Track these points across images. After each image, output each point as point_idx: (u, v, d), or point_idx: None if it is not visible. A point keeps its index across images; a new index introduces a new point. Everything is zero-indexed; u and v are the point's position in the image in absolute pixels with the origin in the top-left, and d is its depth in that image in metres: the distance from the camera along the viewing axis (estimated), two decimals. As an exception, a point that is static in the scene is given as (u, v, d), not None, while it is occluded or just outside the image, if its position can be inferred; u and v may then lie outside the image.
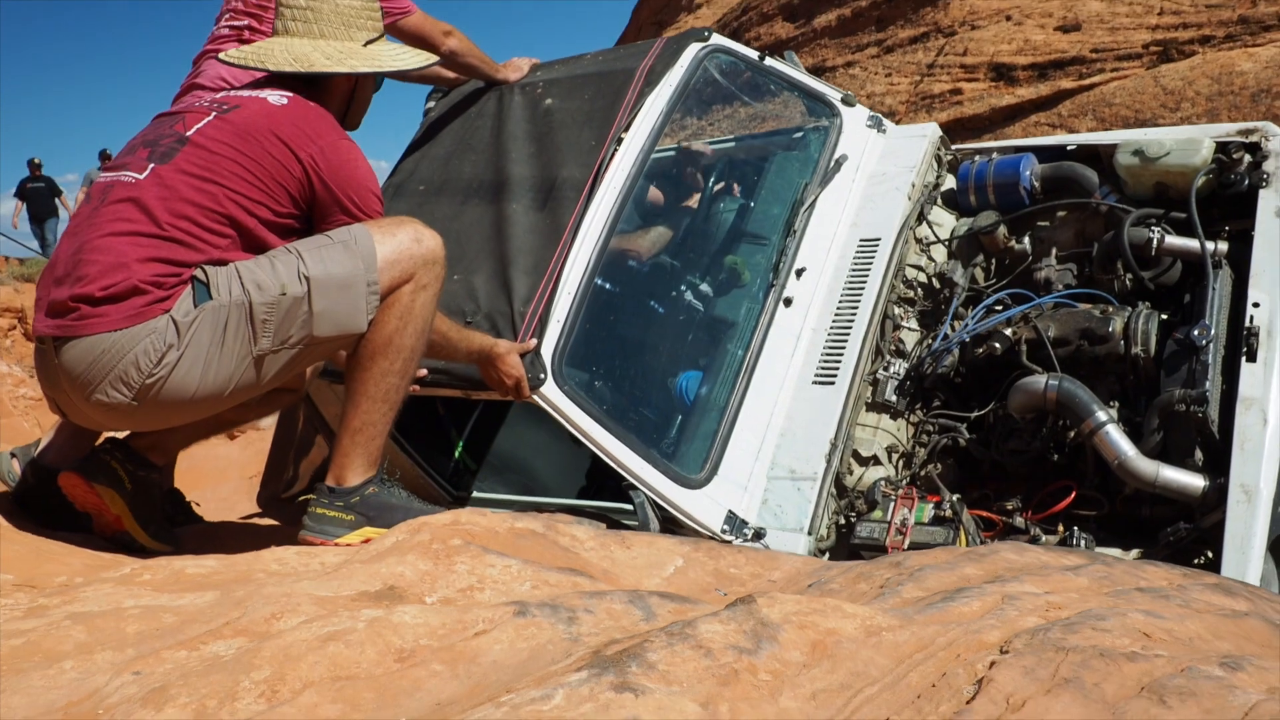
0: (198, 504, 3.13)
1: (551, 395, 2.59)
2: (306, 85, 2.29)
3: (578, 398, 2.62)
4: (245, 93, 2.25)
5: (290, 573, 1.90)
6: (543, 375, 2.59)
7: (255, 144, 2.10)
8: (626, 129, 3.03)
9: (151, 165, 2.08)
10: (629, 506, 2.62)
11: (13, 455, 2.62)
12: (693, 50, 3.32)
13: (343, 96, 2.38)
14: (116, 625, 1.49)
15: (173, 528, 2.46)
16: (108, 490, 2.16)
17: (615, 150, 2.99)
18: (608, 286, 3.08)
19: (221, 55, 2.46)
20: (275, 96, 2.20)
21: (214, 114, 2.16)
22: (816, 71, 9.22)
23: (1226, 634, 1.38)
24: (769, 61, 3.59)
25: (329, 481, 2.17)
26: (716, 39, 3.46)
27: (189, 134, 2.12)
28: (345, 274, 2.07)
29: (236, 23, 3.17)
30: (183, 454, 2.79)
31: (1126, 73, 6.65)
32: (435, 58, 2.60)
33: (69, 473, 2.18)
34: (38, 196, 15.00)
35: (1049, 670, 1.16)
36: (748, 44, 10.31)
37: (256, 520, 3.39)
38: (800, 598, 1.40)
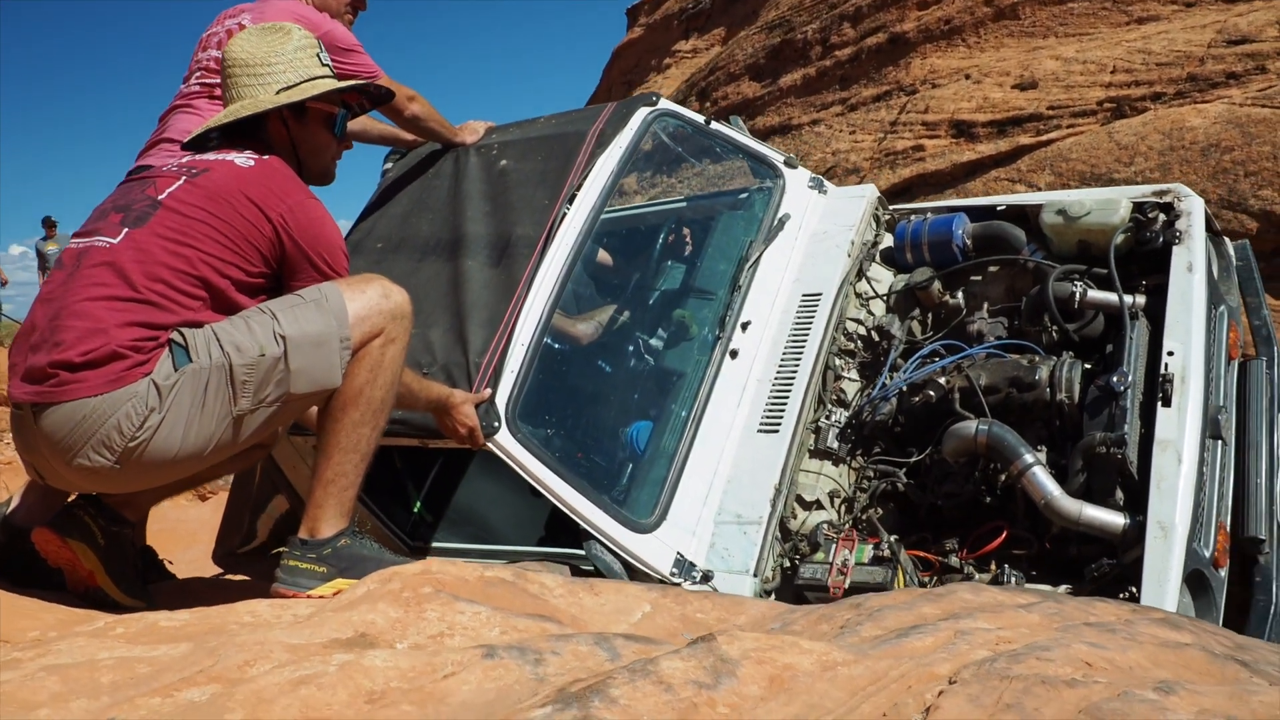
0: (170, 562, 3.14)
1: (505, 443, 2.68)
2: (257, 142, 2.35)
3: (531, 445, 2.71)
4: (212, 156, 2.31)
5: (263, 623, 1.93)
6: (496, 424, 2.67)
7: (226, 206, 2.16)
8: (578, 189, 3.15)
9: (125, 229, 2.13)
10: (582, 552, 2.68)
11: None
12: (641, 114, 3.47)
13: (284, 146, 2.39)
14: (91, 675, 1.52)
15: (146, 584, 2.48)
16: (81, 545, 2.19)
17: (568, 209, 3.10)
18: (563, 344, 3.20)
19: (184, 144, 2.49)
20: (242, 159, 2.26)
21: (184, 178, 2.21)
22: (783, 130, 9.42)
23: (1166, 663, 1.44)
24: (714, 125, 3.73)
25: (301, 534, 2.20)
26: (664, 104, 3.60)
27: (161, 198, 2.17)
28: (319, 332, 2.12)
29: (208, 80, 3.23)
30: (154, 516, 2.82)
31: (1082, 129, 6.85)
32: (334, 83, 2.50)
33: (42, 528, 2.21)
34: None
35: (993, 698, 1.22)
36: (715, 103, 10.54)
37: (229, 577, 3.40)
38: (759, 635, 1.45)
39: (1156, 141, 6.23)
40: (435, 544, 3.20)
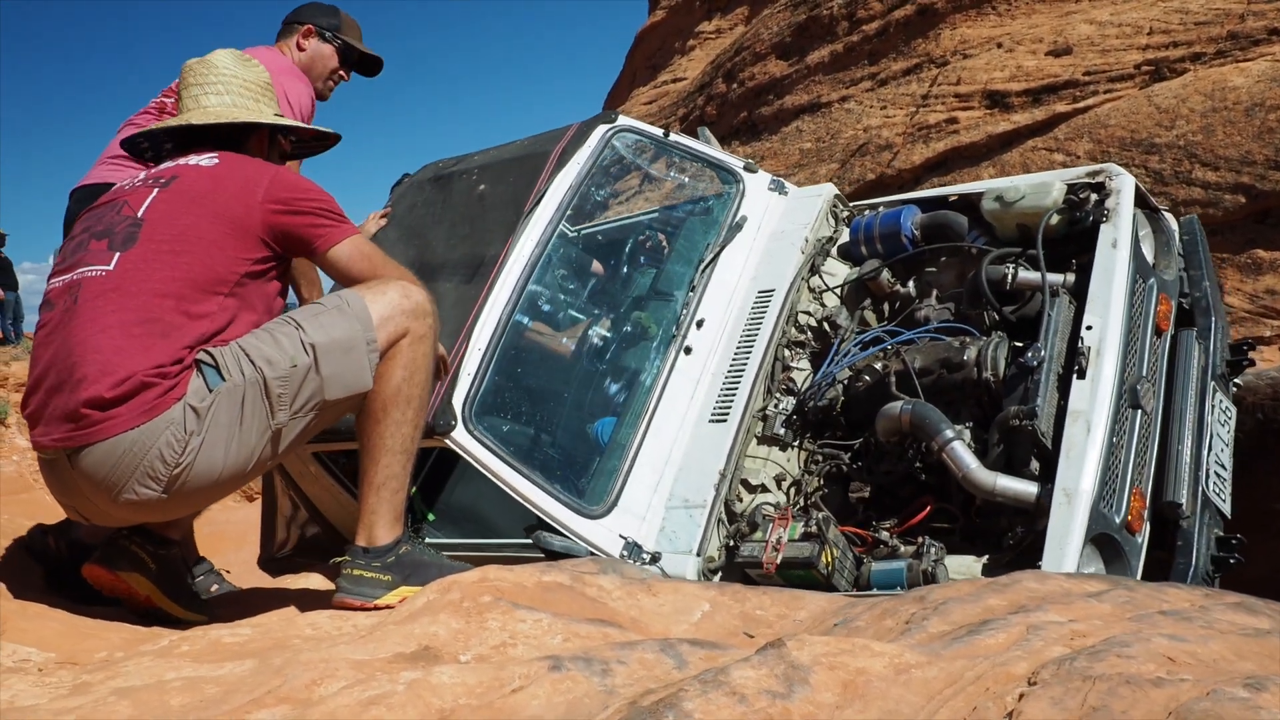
0: (228, 571, 3.17)
1: (461, 439, 2.85)
2: (227, 149, 2.35)
3: (486, 441, 2.87)
4: (171, 164, 2.29)
5: (325, 637, 1.93)
6: (452, 421, 2.83)
7: (207, 205, 2.15)
8: (537, 205, 3.35)
9: (116, 254, 2.10)
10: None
11: (45, 531, 2.67)
12: (600, 131, 3.65)
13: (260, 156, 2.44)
14: (160, 698, 1.52)
15: (203, 598, 2.49)
16: (133, 575, 2.18)
17: (526, 224, 3.30)
18: (522, 345, 3.39)
19: (139, 134, 2.48)
20: (205, 160, 2.25)
21: (155, 189, 2.19)
22: (812, 108, 9.32)
23: (1249, 654, 1.40)
24: (673, 137, 3.91)
25: (360, 542, 2.18)
26: (623, 120, 3.77)
27: (140, 214, 2.15)
28: (345, 336, 2.12)
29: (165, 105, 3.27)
30: (202, 519, 2.85)
31: (1120, 93, 6.71)
32: (337, 134, 2.76)
33: (91, 565, 2.19)
34: (9, 267, 15.06)
35: (1077, 700, 1.19)
36: (743, 84, 10.46)
37: (283, 585, 3.42)
38: (828, 639, 1.42)
39: (1198, 103, 6.10)
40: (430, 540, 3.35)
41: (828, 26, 9.67)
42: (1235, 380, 3.52)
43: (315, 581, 2.87)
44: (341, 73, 3.59)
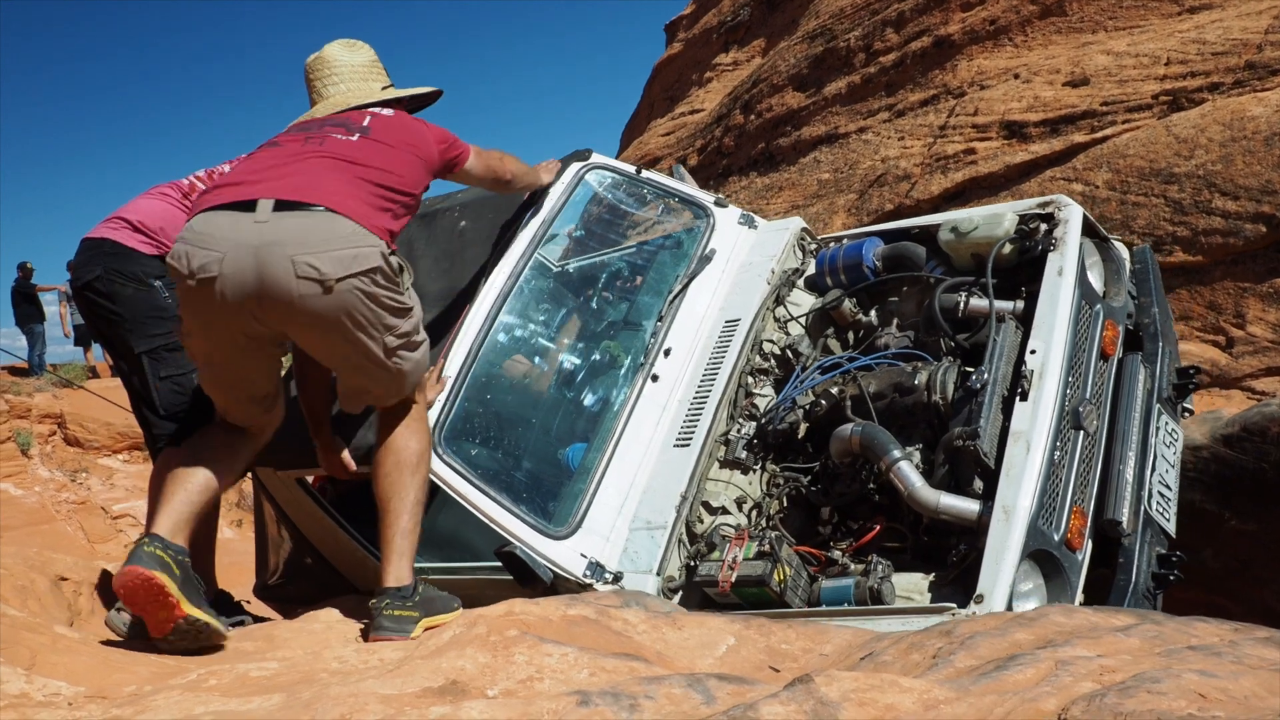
0: (248, 602, 3.20)
1: (431, 464, 2.95)
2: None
3: (455, 465, 2.98)
4: (359, 116, 2.71)
5: (352, 671, 1.94)
6: None
7: (397, 137, 2.62)
8: (510, 241, 3.49)
9: (357, 135, 2.55)
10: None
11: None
12: (573, 169, 3.76)
13: None
14: (191, 733, 1.54)
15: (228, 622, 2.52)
16: (161, 575, 2.20)
17: (499, 260, 3.46)
18: (493, 373, 3.47)
19: (303, 117, 2.85)
20: (384, 111, 2.75)
21: (357, 134, 2.59)
22: (829, 139, 9.37)
23: (1282, 691, 1.39)
24: (645, 174, 4.04)
25: (390, 583, 2.38)
26: (597, 158, 3.88)
27: (366, 124, 2.63)
28: (423, 354, 2.59)
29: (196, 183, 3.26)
30: (222, 549, 3.06)
31: (1138, 123, 6.71)
32: (437, 91, 3.13)
33: (126, 569, 2.17)
34: (36, 299, 15.30)
35: (1108, 737, 1.18)
36: (760, 115, 10.53)
37: (309, 617, 3.43)
38: (856, 674, 1.42)
39: (1217, 133, 6.10)
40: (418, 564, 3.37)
41: (844, 58, 9.74)
42: (1185, 404, 3.58)
43: (337, 614, 2.88)
44: None
